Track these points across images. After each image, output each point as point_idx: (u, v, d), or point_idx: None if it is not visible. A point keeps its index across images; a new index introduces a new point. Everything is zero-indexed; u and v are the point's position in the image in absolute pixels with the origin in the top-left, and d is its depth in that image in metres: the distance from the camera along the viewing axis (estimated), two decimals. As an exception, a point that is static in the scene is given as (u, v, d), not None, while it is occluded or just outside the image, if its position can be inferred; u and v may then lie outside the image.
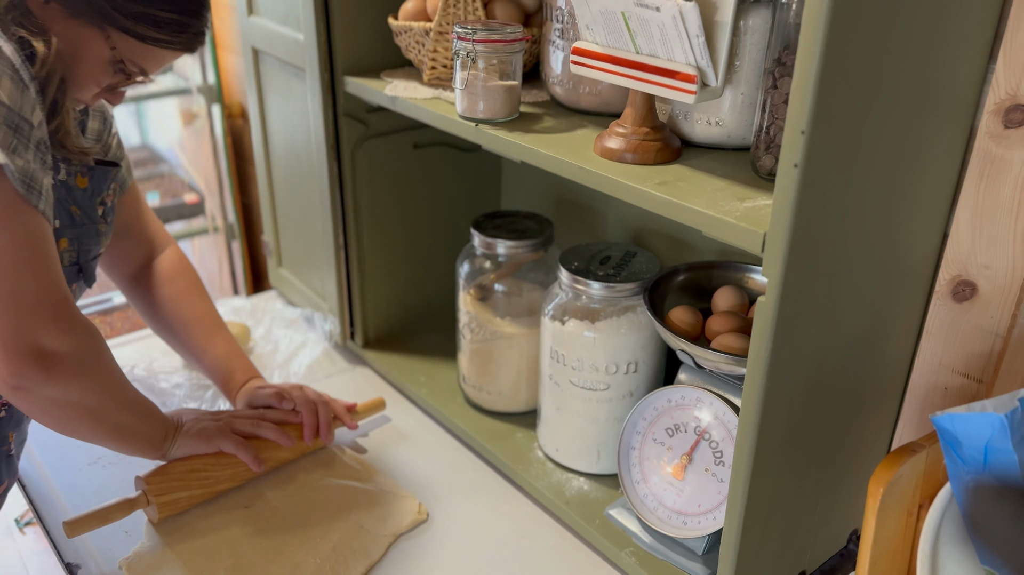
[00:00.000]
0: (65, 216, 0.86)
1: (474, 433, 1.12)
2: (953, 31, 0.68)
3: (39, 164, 0.70)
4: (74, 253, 0.89)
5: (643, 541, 0.93)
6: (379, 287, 1.29)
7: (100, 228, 0.93)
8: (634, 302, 0.96)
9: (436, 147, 1.24)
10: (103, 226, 0.93)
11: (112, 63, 0.80)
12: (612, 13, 0.73)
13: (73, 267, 0.89)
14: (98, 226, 0.92)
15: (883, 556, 0.65)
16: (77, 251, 0.89)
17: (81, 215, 0.89)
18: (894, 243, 0.75)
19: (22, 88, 0.69)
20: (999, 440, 0.57)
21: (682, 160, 0.79)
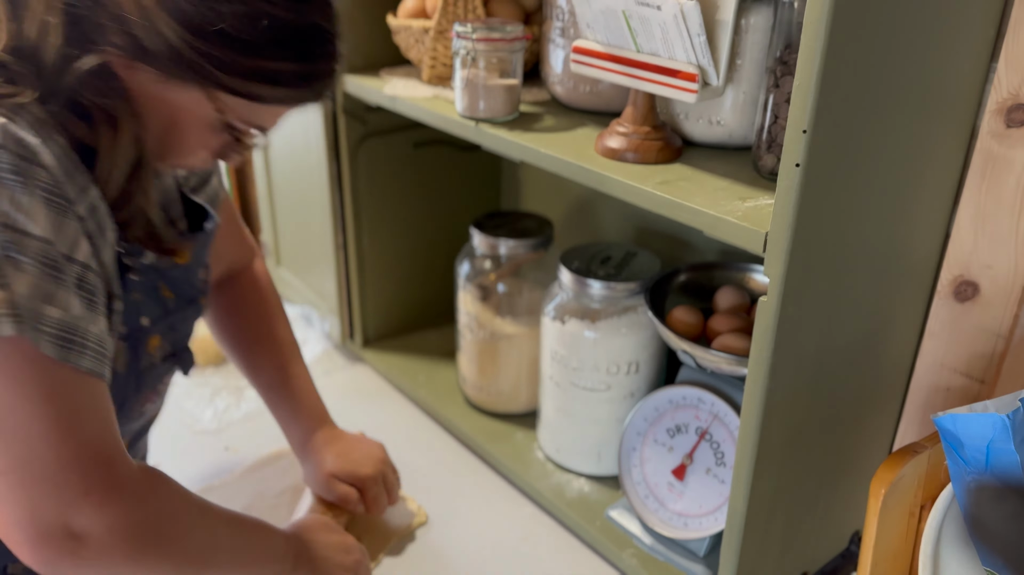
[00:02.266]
0: (156, 308, 0.73)
1: (474, 434, 1.11)
2: (955, 30, 0.68)
3: (85, 306, 0.58)
4: (168, 345, 0.76)
5: (644, 542, 0.93)
6: (379, 287, 1.29)
7: (202, 302, 0.81)
8: (635, 302, 0.95)
9: (436, 146, 1.24)
10: (204, 298, 0.81)
11: (222, 126, 0.66)
12: (613, 12, 0.73)
13: (168, 361, 0.76)
14: (199, 300, 0.80)
15: (885, 557, 0.65)
16: (173, 340, 0.76)
17: (176, 299, 0.76)
18: (896, 243, 0.75)
19: (61, 214, 0.57)
20: (1001, 441, 0.57)
21: (683, 159, 0.78)
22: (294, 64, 0.63)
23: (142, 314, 0.71)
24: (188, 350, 0.80)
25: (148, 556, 0.61)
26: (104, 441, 0.59)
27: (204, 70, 0.60)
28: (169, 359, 0.77)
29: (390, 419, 1.19)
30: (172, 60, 0.60)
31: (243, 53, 0.61)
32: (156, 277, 0.73)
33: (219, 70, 0.61)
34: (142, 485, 0.61)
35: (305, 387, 0.97)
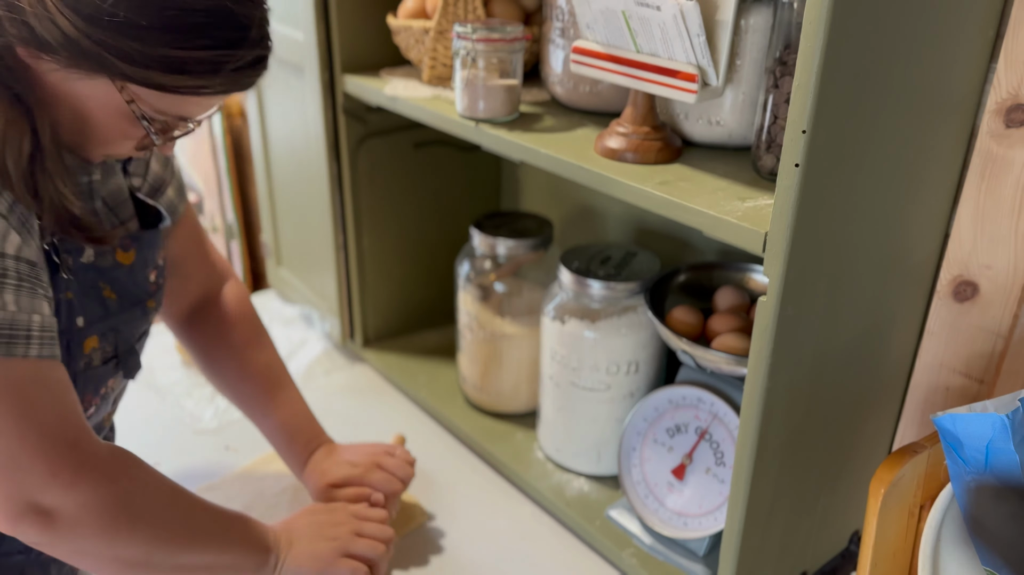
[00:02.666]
0: (95, 308, 0.72)
1: (474, 433, 1.11)
2: (954, 30, 0.68)
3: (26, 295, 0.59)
4: (109, 347, 0.74)
5: (644, 542, 0.93)
6: (379, 287, 1.29)
7: (149, 304, 0.79)
8: (634, 302, 0.95)
9: (436, 147, 1.24)
10: (153, 301, 0.79)
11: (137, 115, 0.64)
12: (613, 12, 0.73)
13: (108, 363, 0.75)
14: (146, 303, 0.78)
15: (884, 557, 0.65)
16: (115, 343, 0.75)
17: (118, 300, 0.75)
18: (895, 243, 0.75)
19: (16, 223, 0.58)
20: (1000, 440, 0.57)
21: (683, 160, 0.78)
22: (204, 52, 0.60)
23: (76, 314, 0.70)
24: (134, 353, 0.78)
25: (120, 532, 0.64)
26: (66, 423, 0.61)
27: (105, 60, 0.58)
28: (110, 362, 0.75)
29: (390, 419, 1.19)
30: (70, 51, 0.58)
31: (145, 42, 0.57)
32: (96, 276, 0.71)
33: (121, 60, 0.58)
34: (110, 464, 0.64)
35: (295, 411, 0.95)
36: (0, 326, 0.57)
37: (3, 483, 0.59)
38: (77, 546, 0.63)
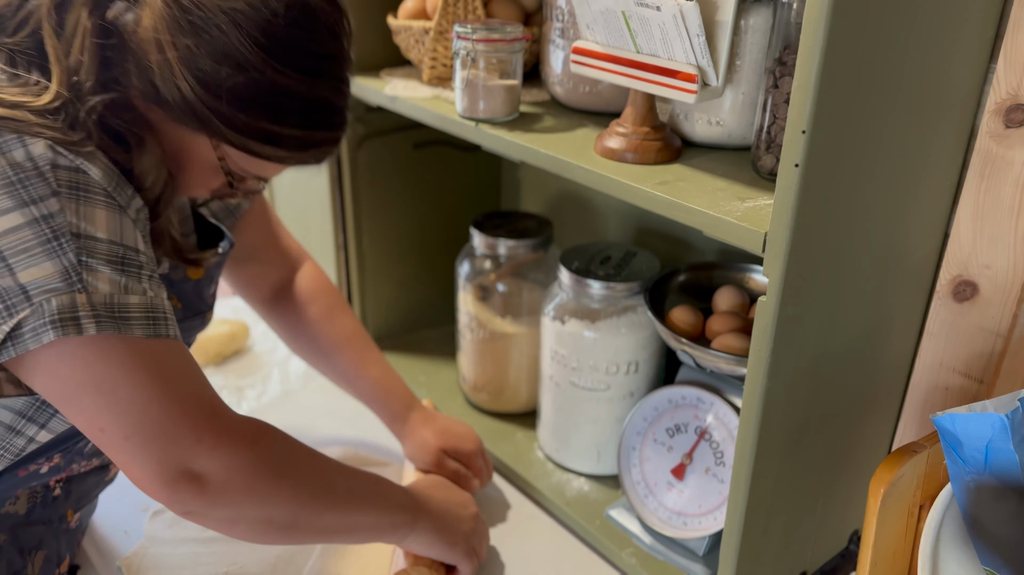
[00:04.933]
0: None
1: (474, 433, 1.11)
2: (954, 30, 0.68)
3: (156, 285, 0.64)
4: None
5: (643, 542, 0.93)
6: (379, 287, 1.29)
7: (207, 316, 0.85)
8: (634, 302, 0.95)
9: (436, 147, 1.24)
10: (210, 313, 0.86)
11: (222, 171, 0.72)
12: (612, 12, 0.73)
13: None
14: (205, 314, 0.84)
15: (884, 557, 0.65)
16: None
17: (183, 310, 0.81)
18: (895, 243, 0.75)
19: (119, 213, 0.62)
20: (1000, 440, 0.57)
21: (682, 160, 0.78)
22: (298, 131, 0.68)
23: None
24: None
25: (267, 492, 0.67)
26: (204, 395, 0.66)
27: (210, 123, 0.65)
28: None
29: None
30: (183, 109, 0.65)
31: (249, 114, 0.65)
32: (167, 286, 0.77)
33: (224, 125, 0.65)
34: (249, 429, 0.68)
35: (388, 372, 1.04)
36: (144, 309, 0.62)
37: (155, 450, 0.62)
38: (230, 511, 0.66)
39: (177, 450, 0.62)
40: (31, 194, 0.58)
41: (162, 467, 0.62)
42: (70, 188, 0.59)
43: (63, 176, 0.59)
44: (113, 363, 0.60)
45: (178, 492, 0.63)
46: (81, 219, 0.59)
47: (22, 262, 0.57)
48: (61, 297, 0.58)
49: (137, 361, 0.61)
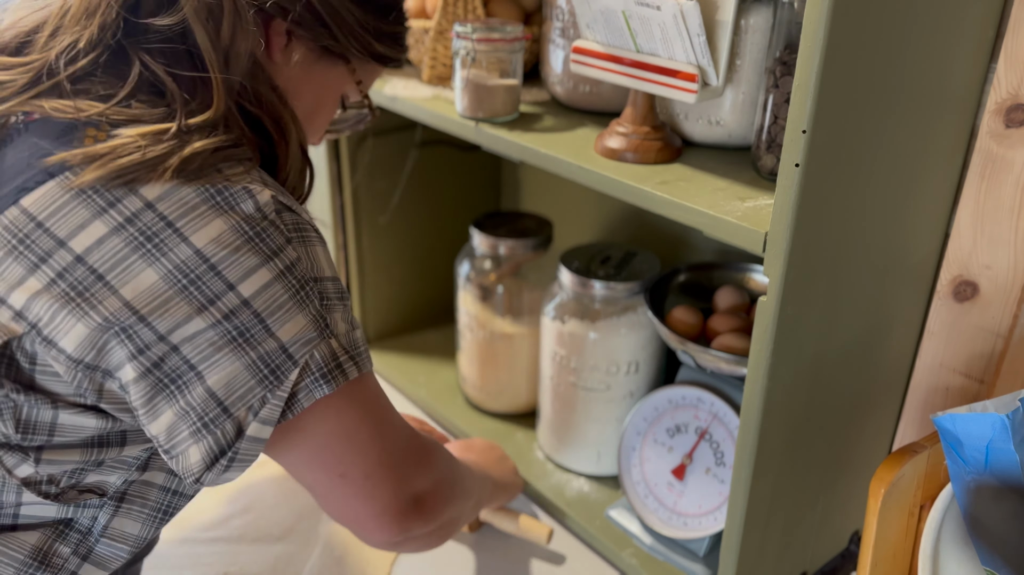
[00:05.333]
0: None
1: (474, 433, 1.11)
2: (954, 30, 0.68)
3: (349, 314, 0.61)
4: None
5: (644, 542, 0.93)
6: (379, 287, 1.29)
7: None
8: (634, 302, 0.95)
9: (436, 146, 1.24)
10: None
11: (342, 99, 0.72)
12: (613, 12, 0.73)
13: None
14: None
15: (884, 557, 0.65)
16: None
17: None
18: (895, 243, 0.75)
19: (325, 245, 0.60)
20: (1000, 440, 0.57)
21: (683, 160, 0.78)
22: (402, 26, 0.71)
23: None
24: None
25: (456, 492, 0.70)
26: (402, 419, 0.65)
27: (364, 40, 0.65)
28: None
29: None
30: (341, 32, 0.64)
31: (385, 19, 0.67)
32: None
33: (374, 38, 0.66)
34: (431, 443, 0.68)
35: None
36: (364, 342, 0.61)
37: (393, 483, 0.61)
38: (436, 523, 0.67)
39: (408, 478, 0.63)
40: (269, 246, 0.54)
41: (397, 498, 0.61)
42: (296, 231, 0.57)
43: (288, 220, 0.56)
44: (357, 404, 0.59)
45: (408, 519, 0.62)
46: (311, 261, 0.57)
47: (278, 319, 0.54)
48: (320, 347, 0.55)
49: (369, 397, 0.60)
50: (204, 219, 0.52)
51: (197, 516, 0.97)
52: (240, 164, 0.56)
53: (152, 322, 0.51)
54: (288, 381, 0.54)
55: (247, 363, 0.53)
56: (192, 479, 0.54)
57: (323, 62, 0.66)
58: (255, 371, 0.53)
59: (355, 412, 0.59)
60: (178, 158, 0.52)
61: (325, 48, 0.64)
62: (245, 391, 0.53)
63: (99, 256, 0.51)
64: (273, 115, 0.62)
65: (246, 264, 0.53)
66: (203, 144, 0.54)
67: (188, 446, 0.54)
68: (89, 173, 0.51)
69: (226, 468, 0.54)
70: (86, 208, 0.51)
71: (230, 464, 0.54)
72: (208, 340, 0.52)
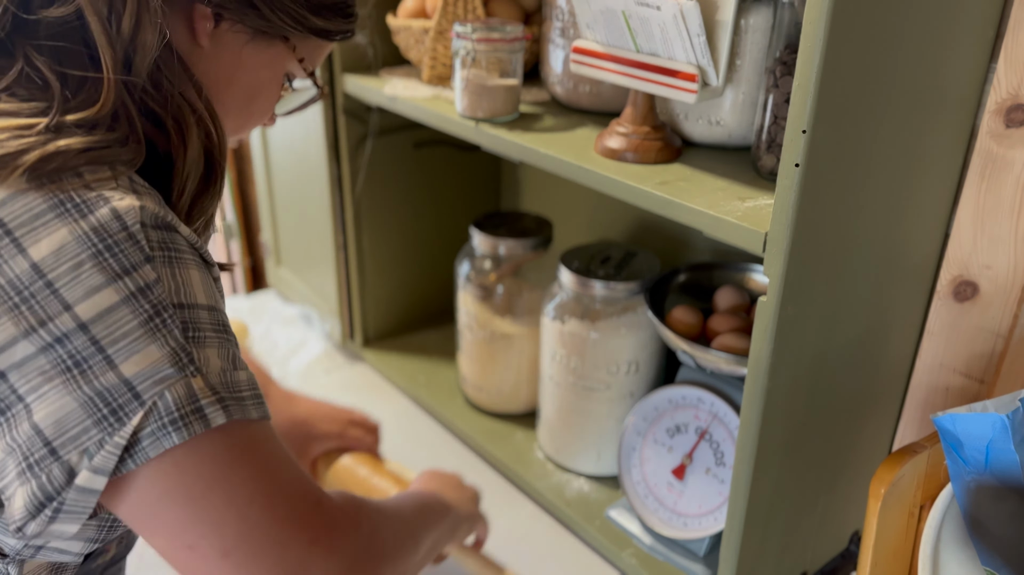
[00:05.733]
0: None
1: (474, 433, 1.11)
2: (954, 30, 0.68)
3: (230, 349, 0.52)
4: None
5: (644, 542, 0.93)
6: (379, 287, 1.29)
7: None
8: (634, 302, 0.95)
9: (436, 146, 1.24)
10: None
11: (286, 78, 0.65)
12: (613, 12, 0.73)
13: None
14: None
15: (884, 557, 0.65)
16: None
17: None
18: (895, 243, 0.75)
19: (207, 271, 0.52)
20: (1000, 440, 0.57)
21: (683, 160, 0.78)
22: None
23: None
24: None
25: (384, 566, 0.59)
26: (302, 480, 0.53)
27: (299, 15, 0.59)
28: None
29: (390, 419, 1.19)
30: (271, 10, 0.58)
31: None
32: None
33: (311, 12, 0.60)
34: (348, 509, 0.57)
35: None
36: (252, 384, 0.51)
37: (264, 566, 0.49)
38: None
39: (290, 561, 0.50)
40: (121, 263, 0.46)
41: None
42: (163, 249, 0.48)
43: (154, 236, 0.48)
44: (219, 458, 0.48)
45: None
46: (179, 285, 0.49)
47: (123, 350, 0.46)
48: (176, 387, 0.47)
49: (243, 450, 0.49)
50: (48, 229, 0.45)
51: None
52: (109, 168, 0.48)
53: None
54: (129, 424, 0.45)
55: (82, 399, 0.45)
56: (14, 527, 0.46)
57: (257, 42, 0.59)
58: (90, 409, 0.45)
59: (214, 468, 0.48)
60: (35, 155, 0.45)
61: (258, 28, 0.58)
62: (79, 431, 0.45)
63: None
64: (175, 113, 0.54)
65: (87, 283, 0.45)
66: (69, 143, 0.47)
67: (15, 489, 0.46)
68: None
69: (51, 520, 0.46)
70: None
71: (55, 515, 0.46)
72: (38, 368, 0.45)
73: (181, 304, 0.48)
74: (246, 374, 0.51)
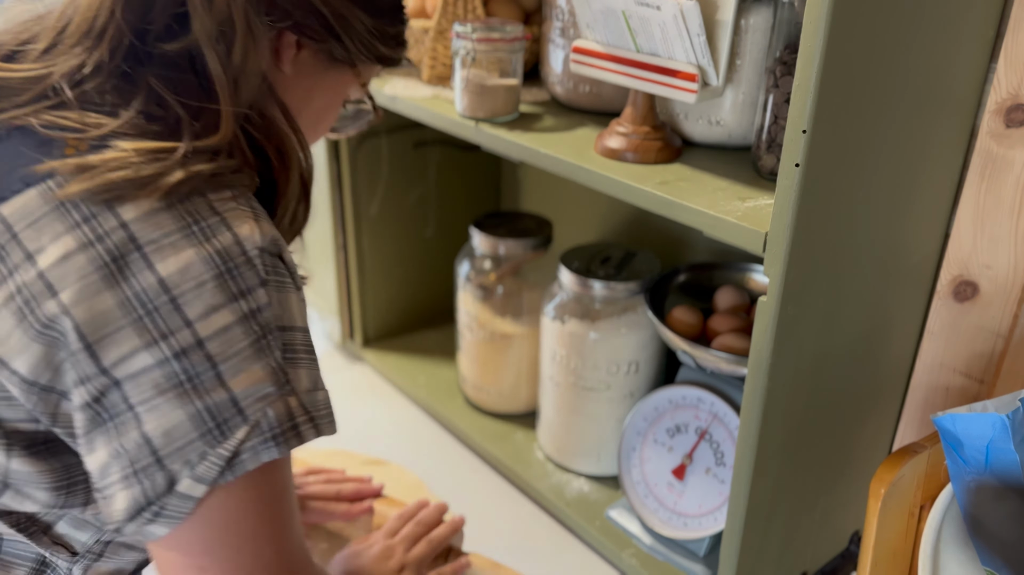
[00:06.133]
0: None
1: (474, 433, 1.11)
2: (954, 30, 0.68)
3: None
4: None
5: (644, 542, 0.93)
6: (379, 287, 1.29)
7: None
8: (634, 302, 0.95)
9: (436, 146, 1.24)
10: None
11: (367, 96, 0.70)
12: (613, 12, 0.73)
13: None
14: None
15: (884, 557, 0.65)
16: None
17: None
18: (895, 243, 0.75)
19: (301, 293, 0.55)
20: (1000, 440, 0.57)
21: (683, 160, 0.78)
22: (404, 25, 0.67)
23: None
24: None
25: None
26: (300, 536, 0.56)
27: (371, 44, 0.62)
28: None
29: (390, 419, 1.19)
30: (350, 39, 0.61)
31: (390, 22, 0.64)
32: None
33: (380, 42, 0.63)
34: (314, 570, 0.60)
35: None
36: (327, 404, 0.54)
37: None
38: None
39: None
40: (239, 286, 0.49)
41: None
42: (275, 274, 0.52)
43: (268, 261, 0.51)
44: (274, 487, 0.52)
45: None
46: (283, 309, 0.52)
47: (232, 367, 0.49)
48: (276, 404, 0.50)
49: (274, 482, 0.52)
50: (175, 248, 0.48)
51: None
52: (231, 192, 0.52)
53: (97, 352, 0.47)
54: (234, 438, 0.49)
55: (191, 413, 0.48)
56: (113, 527, 0.50)
57: (332, 69, 0.63)
58: (199, 423, 0.48)
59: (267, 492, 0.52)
60: (172, 179, 0.49)
61: (333, 55, 0.62)
62: (184, 443, 0.48)
63: (60, 272, 0.47)
64: (277, 141, 0.58)
65: (209, 301, 0.48)
66: (200, 168, 0.50)
67: (116, 491, 0.49)
68: (75, 185, 0.48)
69: (150, 521, 0.49)
70: (61, 221, 0.48)
71: (155, 518, 0.49)
72: (153, 380, 0.48)
73: (283, 327, 0.51)
74: (324, 394, 0.54)
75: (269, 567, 0.53)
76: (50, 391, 0.48)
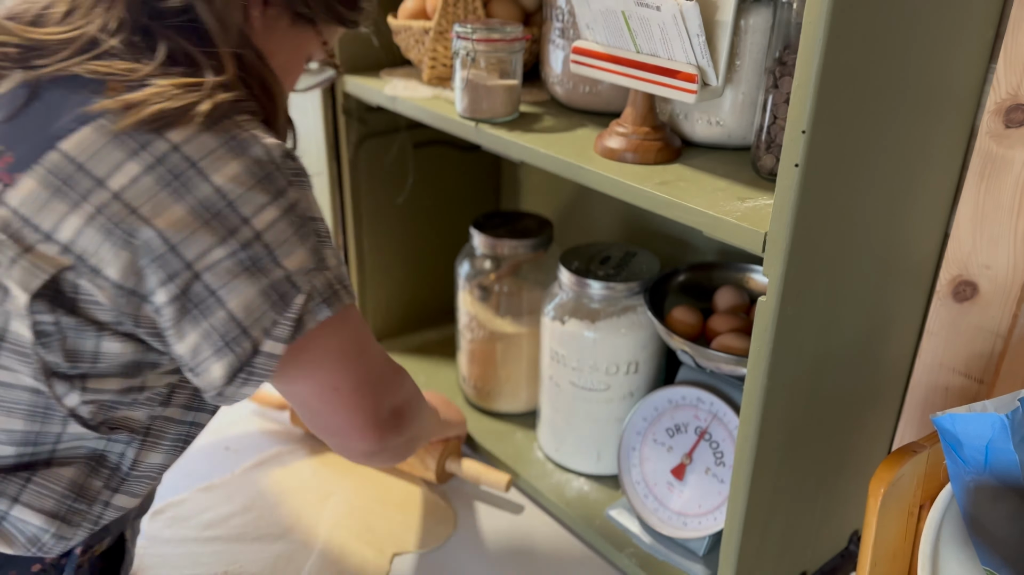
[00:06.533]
0: None
1: (474, 433, 1.11)
2: (954, 31, 0.68)
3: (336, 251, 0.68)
4: None
5: (643, 542, 0.93)
6: (379, 287, 1.29)
7: None
8: (634, 302, 0.95)
9: (436, 146, 1.24)
10: None
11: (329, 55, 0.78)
12: (612, 12, 0.73)
13: None
14: None
15: (884, 557, 0.65)
16: None
17: None
18: (895, 243, 0.75)
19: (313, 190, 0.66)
20: (1000, 440, 0.57)
21: (682, 160, 0.78)
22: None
23: None
24: None
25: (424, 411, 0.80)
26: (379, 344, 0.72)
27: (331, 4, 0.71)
28: None
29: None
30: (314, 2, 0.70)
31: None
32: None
33: (338, 2, 0.72)
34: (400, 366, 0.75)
35: None
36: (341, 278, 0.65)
37: (378, 394, 0.69)
38: (411, 432, 0.75)
39: (387, 392, 0.70)
40: (276, 187, 0.60)
41: (378, 410, 0.69)
42: (295, 175, 0.63)
43: (288, 165, 0.62)
44: (349, 326, 0.66)
45: (387, 429, 0.70)
46: (308, 203, 0.63)
47: (284, 251, 0.60)
48: (319, 277, 0.62)
49: (357, 322, 0.67)
50: (222, 161, 0.58)
51: (197, 515, 0.97)
52: (248, 115, 0.62)
53: (180, 251, 0.57)
54: (295, 305, 0.60)
55: (260, 289, 0.59)
56: (215, 392, 0.61)
57: (295, 27, 0.71)
58: (267, 297, 0.59)
59: (348, 333, 0.66)
60: (208, 106, 0.59)
61: (297, 13, 0.70)
62: (260, 314, 0.59)
63: (134, 193, 0.56)
64: (260, 79, 0.67)
65: (257, 201, 0.59)
66: (224, 96, 0.60)
67: (211, 363, 0.60)
68: (127, 118, 0.57)
69: (244, 383, 0.60)
70: (120, 150, 0.57)
71: (248, 379, 0.60)
72: (227, 268, 0.58)
73: (312, 217, 0.63)
74: (345, 268, 0.66)
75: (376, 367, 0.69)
76: (133, 294, 0.58)
